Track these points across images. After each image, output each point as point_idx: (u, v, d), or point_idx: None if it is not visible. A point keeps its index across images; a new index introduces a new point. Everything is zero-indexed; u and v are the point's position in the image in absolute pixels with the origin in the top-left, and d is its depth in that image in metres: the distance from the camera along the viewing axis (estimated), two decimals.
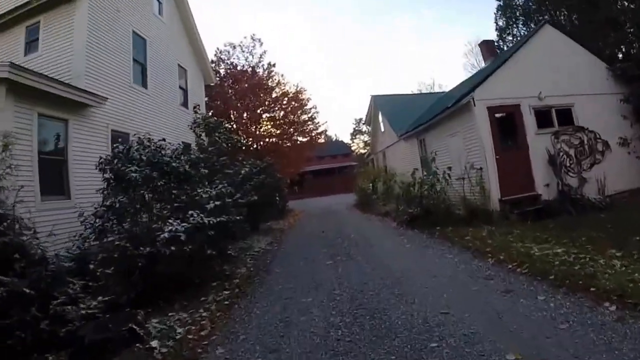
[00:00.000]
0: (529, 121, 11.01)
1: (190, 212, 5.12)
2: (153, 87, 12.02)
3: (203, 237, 4.98)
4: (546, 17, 21.12)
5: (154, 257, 4.69)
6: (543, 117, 11.25)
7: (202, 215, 5.33)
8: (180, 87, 14.47)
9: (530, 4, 26.07)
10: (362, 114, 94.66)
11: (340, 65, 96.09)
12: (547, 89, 11.01)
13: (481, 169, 10.20)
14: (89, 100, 8.25)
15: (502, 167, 10.54)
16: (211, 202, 5.46)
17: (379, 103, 22.59)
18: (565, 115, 11.41)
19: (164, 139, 6.49)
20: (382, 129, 22.50)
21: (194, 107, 11.48)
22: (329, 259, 7.58)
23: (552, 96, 11.16)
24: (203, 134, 10.24)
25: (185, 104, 13.94)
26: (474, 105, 10.27)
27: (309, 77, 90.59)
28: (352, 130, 79.47)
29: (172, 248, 4.66)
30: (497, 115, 10.81)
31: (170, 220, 4.94)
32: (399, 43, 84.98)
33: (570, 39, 12.10)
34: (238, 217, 6.09)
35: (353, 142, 73.11)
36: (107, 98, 8.83)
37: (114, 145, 5.94)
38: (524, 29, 27.28)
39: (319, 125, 26.20)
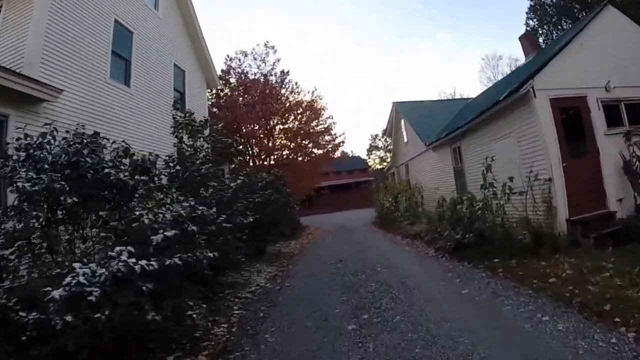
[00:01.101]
0: (598, 118, 8.71)
1: (118, 248, 3.02)
2: (138, 87, 10.17)
3: (133, 294, 2.85)
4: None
5: (40, 331, 2.58)
6: (612, 114, 8.94)
7: (148, 251, 3.22)
8: (177, 90, 12.65)
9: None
10: (379, 129, 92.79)
11: (356, 80, 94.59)
12: (615, 79, 8.72)
13: (550, 179, 7.83)
14: (35, 91, 6.36)
15: (569, 178, 8.19)
16: (160, 231, 3.35)
17: (402, 110, 20.40)
18: (637, 111, 9.04)
19: (121, 143, 4.48)
20: (405, 139, 20.27)
21: (187, 112, 9.47)
22: (351, 316, 5.01)
23: (621, 87, 8.86)
24: (185, 137, 8.22)
25: (181, 109, 12.06)
26: (534, 96, 7.99)
27: (324, 92, 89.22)
28: (368, 147, 77.87)
29: (68, 318, 2.56)
30: (561, 109, 8.50)
31: (78, 265, 2.85)
32: (415, 61, 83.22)
33: (635, 22, 9.79)
34: (212, 254, 3.88)
35: (369, 158, 71.20)
36: (62, 90, 6.93)
37: (17, 138, 3.95)
38: (555, 31, 24.92)
39: (336, 137, 24.09)
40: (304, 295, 6.45)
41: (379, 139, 79.46)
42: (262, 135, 22.57)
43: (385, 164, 78.77)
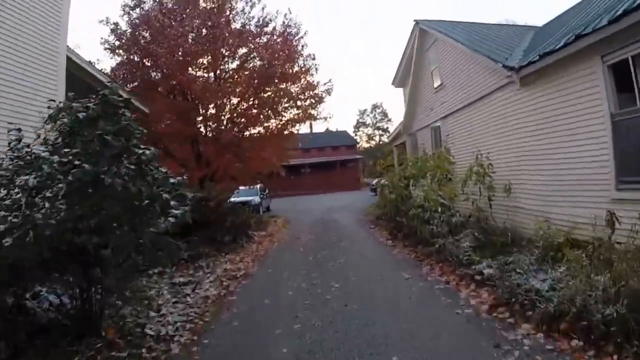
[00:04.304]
0: None
1: None
2: None
3: None
4: None
5: None
6: None
7: None
8: None
9: None
10: (367, 104, 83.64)
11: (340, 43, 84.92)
12: None
13: None
14: None
15: None
16: None
17: (437, 30, 11.98)
18: None
19: None
20: (440, 81, 12.05)
21: None
22: None
23: None
24: None
25: None
26: None
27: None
28: (355, 123, 69.84)
29: None
30: None
31: None
32: None
33: None
34: None
35: (356, 136, 63.27)
36: None
37: None
38: None
39: (317, 86, 15.40)
40: None
41: (367, 115, 71.39)
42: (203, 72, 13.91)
43: (372, 142, 70.93)
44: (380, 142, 66.83)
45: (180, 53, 11.99)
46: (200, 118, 12.94)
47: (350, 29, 79.50)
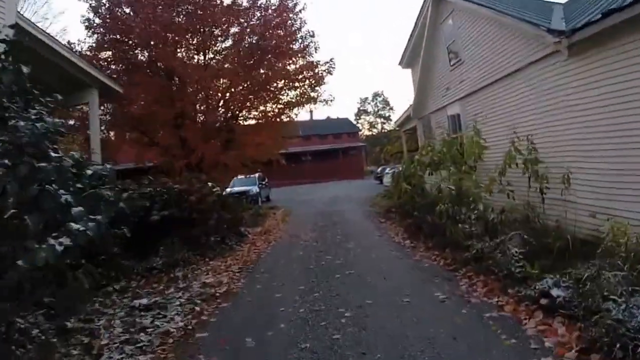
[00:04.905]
0: None
1: None
2: None
3: None
4: None
5: None
6: None
7: None
8: None
9: None
10: (368, 92, 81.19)
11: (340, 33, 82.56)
12: None
13: None
14: None
15: None
16: None
17: None
18: None
19: None
20: (459, 57, 10.48)
21: None
22: None
23: None
24: None
25: None
26: None
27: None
28: (356, 111, 68.15)
29: None
30: None
31: None
32: None
33: None
34: None
35: (358, 124, 61.45)
36: None
37: None
38: None
39: (317, 66, 13.72)
40: None
41: (369, 103, 69.50)
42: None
43: (374, 130, 69.04)
44: (383, 130, 65.52)
45: (158, 24, 10.35)
46: (184, 100, 11.32)
47: (349, 20, 77.06)
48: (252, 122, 14.15)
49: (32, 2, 49.07)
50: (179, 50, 11.98)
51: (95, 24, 10.72)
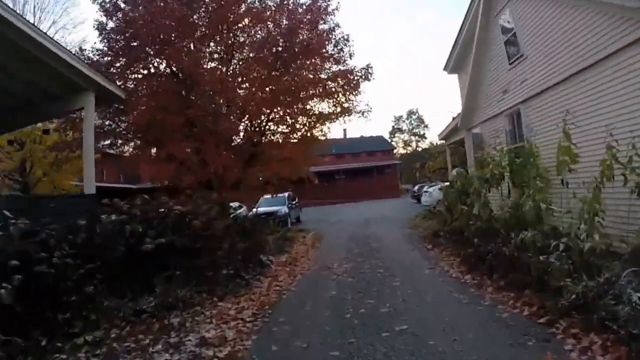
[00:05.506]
0: None
1: None
2: None
3: None
4: None
5: None
6: None
7: None
8: None
9: None
10: (402, 110, 79.65)
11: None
12: None
13: None
14: None
15: None
16: None
17: None
18: None
19: None
20: (521, 52, 8.82)
21: None
22: None
23: None
24: None
25: None
26: None
27: None
28: (390, 129, 67.00)
29: None
30: None
31: None
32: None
33: None
34: None
35: (392, 142, 59.90)
36: None
37: None
38: None
39: (354, 71, 12.24)
40: None
41: (403, 121, 67.86)
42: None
43: (409, 148, 67.07)
44: (417, 148, 63.74)
45: (168, 18, 9.31)
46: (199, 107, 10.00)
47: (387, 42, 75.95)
48: (280, 136, 12.88)
49: (49, 12, 52.21)
50: (194, 50, 10.77)
51: (108, 29, 9.95)
